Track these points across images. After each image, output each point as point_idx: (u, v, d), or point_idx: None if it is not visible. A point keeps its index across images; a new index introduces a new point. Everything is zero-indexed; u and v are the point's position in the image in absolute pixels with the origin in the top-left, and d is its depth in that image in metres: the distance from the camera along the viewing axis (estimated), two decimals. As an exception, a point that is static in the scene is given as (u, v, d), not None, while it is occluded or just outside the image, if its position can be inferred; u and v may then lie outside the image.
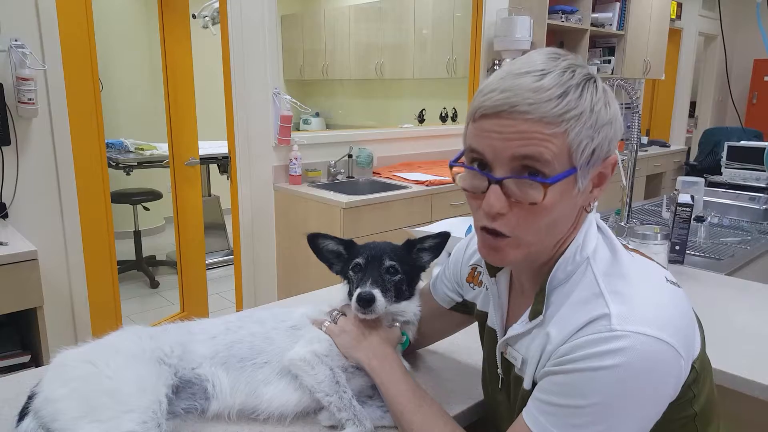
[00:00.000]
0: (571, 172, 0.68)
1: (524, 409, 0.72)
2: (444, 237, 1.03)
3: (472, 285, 0.98)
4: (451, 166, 0.75)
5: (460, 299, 1.01)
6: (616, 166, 0.73)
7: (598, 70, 4.68)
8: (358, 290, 0.93)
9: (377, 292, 0.92)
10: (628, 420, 0.66)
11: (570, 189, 0.69)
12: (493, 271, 0.87)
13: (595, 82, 0.70)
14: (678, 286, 0.75)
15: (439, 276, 1.05)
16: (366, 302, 0.92)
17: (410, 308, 1.01)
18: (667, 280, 0.75)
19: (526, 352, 0.77)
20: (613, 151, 0.72)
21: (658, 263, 0.79)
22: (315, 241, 1.03)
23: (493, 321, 0.87)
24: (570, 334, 0.68)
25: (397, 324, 1.00)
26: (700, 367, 0.73)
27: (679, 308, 0.71)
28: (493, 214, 0.69)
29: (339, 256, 1.04)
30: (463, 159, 0.74)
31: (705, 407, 0.75)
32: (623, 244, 0.79)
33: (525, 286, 0.83)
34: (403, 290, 0.99)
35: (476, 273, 0.97)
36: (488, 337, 0.89)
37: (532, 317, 0.76)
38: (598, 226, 0.77)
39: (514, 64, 0.70)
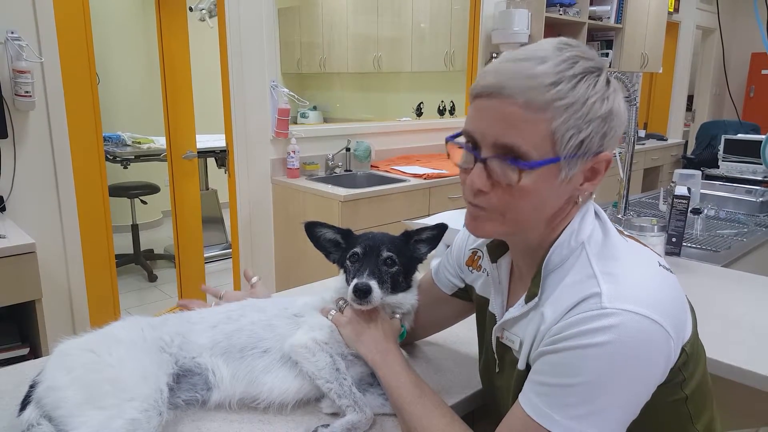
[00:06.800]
0: (553, 160, 0.70)
1: (521, 393, 0.73)
2: (441, 228, 1.04)
3: (471, 269, 0.99)
4: (446, 141, 0.78)
5: (462, 285, 1.02)
6: (609, 165, 0.74)
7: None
8: (355, 281, 0.93)
9: (374, 284, 0.93)
10: (618, 398, 0.67)
11: (552, 177, 0.71)
12: (494, 256, 0.88)
13: (598, 75, 0.71)
14: (671, 271, 0.77)
15: (442, 262, 1.06)
16: (362, 293, 0.92)
17: (407, 299, 1.02)
18: (660, 265, 0.76)
19: (523, 334, 0.78)
20: (608, 148, 0.72)
21: (651, 249, 0.81)
22: (312, 229, 1.04)
23: (494, 306, 0.88)
24: (562, 314, 0.70)
25: (397, 316, 1.01)
26: (691, 351, 0.74)
27: (669, 291, 0.72)
28: (474, 190, 0.73)
29: (336, 245, 1.04)
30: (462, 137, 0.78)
31: (697, 392, 0.76)
32: (619, 230, 0.80)
33: (523, 271, 0.84)
34: (399, 282, 0.99)
35: (476, 257, 0.98)
36: (489, 323, 0.90)
37: (528, 300, 0.78)
38: (596, 213, 0.79)
39: (520, 49, 0.73)
